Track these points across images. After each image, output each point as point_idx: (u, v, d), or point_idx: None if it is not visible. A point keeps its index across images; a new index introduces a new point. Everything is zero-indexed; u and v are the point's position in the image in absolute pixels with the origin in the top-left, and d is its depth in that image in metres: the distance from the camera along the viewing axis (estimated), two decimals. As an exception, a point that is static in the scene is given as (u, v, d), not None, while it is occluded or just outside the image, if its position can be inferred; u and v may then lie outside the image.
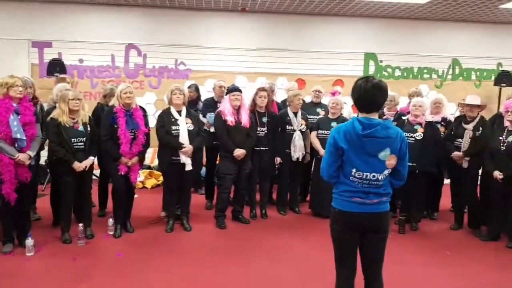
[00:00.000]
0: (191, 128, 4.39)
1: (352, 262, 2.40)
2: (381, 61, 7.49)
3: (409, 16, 7.26)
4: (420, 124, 4.68)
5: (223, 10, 7.14)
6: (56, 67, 6.45)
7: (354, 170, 2.28)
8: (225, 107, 4.62)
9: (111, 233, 4.31)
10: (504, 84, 7.03)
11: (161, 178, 6.59)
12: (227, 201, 4.77)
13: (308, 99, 5.85)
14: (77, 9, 6.92)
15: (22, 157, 3.65)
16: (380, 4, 6.54)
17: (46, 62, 6.80)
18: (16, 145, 3.66)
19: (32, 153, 3.74)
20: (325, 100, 5.92)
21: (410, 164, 4.42)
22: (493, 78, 7.38)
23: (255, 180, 5.07)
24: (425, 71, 7.58)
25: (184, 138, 4.32)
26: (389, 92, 5.80)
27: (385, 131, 2.26)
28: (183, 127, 4.34)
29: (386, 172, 2.30)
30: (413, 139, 4.59)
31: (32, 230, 3.97)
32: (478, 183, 4.79)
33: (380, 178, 2.29)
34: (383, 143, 2.26)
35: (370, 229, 2.33)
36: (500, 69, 7.48)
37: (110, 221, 4.35)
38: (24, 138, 3.68)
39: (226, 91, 4.86)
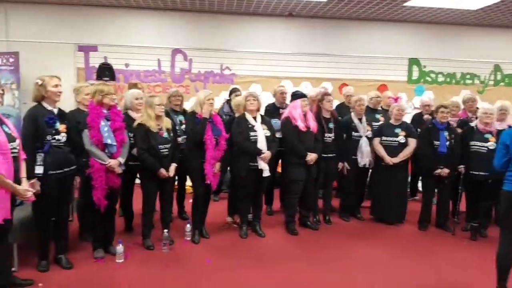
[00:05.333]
0: (268, 134, 4.40)
1: None
2: (424, 67, 7.55)
3: (455, 22, 7.32)
4: (491, 132, 4.59)
5: (268, 15, 7.16)
6: (105, 71, 6.42)
7: None
8: (295, 112, 4.61)
9: (189, 238, 4.29)
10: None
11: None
12: (296, 206, 4.77)
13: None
14: (123, 13, 6.91)
15: (113, 163, 3.61)
16: (430, 10, 6.60)
17: (92, 66, 6.78)
18: (106, 151, 3.64)
19: (122, 160, 3.71)
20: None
21: (484, 173, 4.50)
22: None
23: (318, 186, 5.07)
24: (468, 76, 7.66)
25: (262, 144, 4.32)
26: (452, 99, 5.86)
27: None
28: (261, 133, 4.34)
29: None
30: (486, 148, 4.52)
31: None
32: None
33: None
34: None
35: None
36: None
37: (188, 226, 4.33)
38: (115, 143, 3.64)
39: (290, 97, 4.87)
